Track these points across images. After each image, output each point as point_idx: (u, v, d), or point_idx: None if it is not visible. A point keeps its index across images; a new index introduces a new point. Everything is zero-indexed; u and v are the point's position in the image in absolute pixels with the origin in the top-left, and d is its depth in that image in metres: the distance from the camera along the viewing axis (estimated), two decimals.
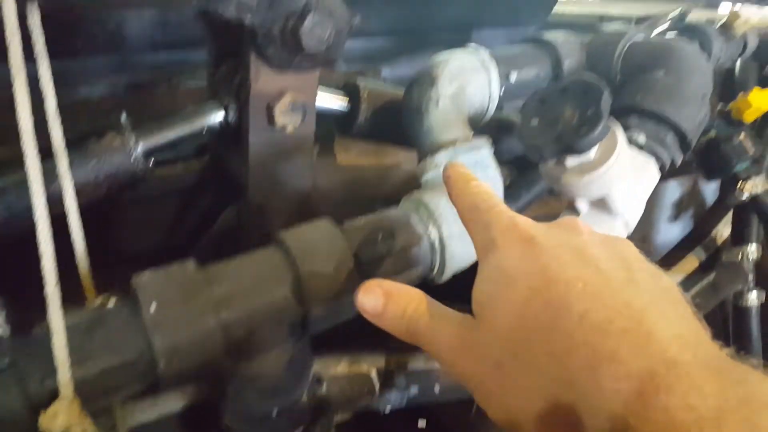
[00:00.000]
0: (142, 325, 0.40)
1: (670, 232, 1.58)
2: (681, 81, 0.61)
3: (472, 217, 0.39)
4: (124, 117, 0.49)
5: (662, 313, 0.29)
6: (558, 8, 1.56)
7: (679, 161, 0.61)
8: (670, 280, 0.33)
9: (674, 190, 1.73)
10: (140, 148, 0.50)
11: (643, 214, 0.57)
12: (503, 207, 0.38)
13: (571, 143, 0.49)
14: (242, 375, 0.47)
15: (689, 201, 1.69)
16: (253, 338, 0.45)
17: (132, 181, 0.51)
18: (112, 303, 0.42)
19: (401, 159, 0.85)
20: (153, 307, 0.40)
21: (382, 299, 0.38)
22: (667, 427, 0.25)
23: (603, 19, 1.67)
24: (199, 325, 0.41)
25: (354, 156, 0.81)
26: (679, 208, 1.76)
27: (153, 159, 0.54)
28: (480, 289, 0.35)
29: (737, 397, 0.24)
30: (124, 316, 0.41)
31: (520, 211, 0.79)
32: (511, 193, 0.78)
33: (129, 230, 0.66)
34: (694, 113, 0.60)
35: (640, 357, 0.27)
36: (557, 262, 0.32)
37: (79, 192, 0.44)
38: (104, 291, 0.43)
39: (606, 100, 0.49)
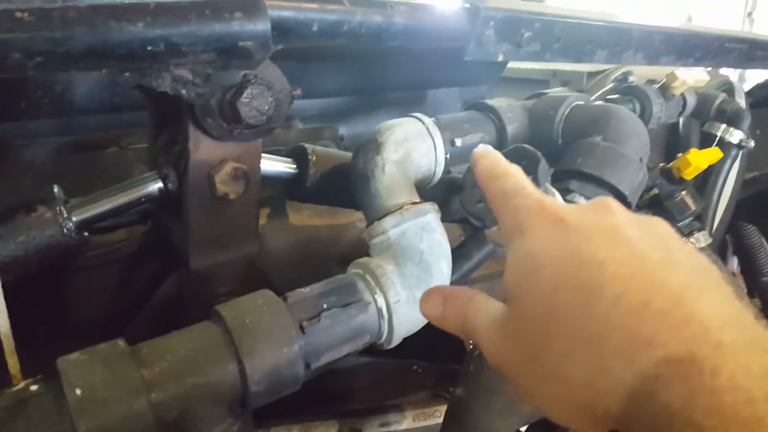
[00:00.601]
0: (67, 409, 0.38)
1: None
2: (619, 145, 0.63)
3: (499, 202, 0.38)
4: (56, 189, 0.48)
5: (702, 292, 0.28)
6: (512, 64, 1.61)
7: None
8: (708, 260, 0.31)
9: None
10: (74, 220, 0.48)
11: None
12: (531, 189, 0.37)
13: None
14: None
15: None
16: (189, 418, 0.44)
17: (66, 253, 0.49)
18: (35, 387, 0.41)
19: (355, 218, 0.85)
20: (78, 391, 0.39)
21: (440, 305, 0.39)
22: (716, 411, 0.24)
23: (556, 74, 1.73)
24: (127, 407, 0.39)
25: (306, 216, 0.80)
26: None
27: (93, 228, 0.53)
28: (509, 278, 0.34)
29: None
30: (48, 400, 0.39)
31: (472, 270, 0.80)
32: (463, 252, 0.78)
33: (68, 301, 0.64)
34: (632, 176, 0.61)
35: (680, 340, 0.26)
36: (588, 243, 0.31)
37: (5, 269, 0.42)
38: (39, 366, 0.42)
39: (543, 168, 0.50)
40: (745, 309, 0.28)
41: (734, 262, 1.92)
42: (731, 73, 1.74)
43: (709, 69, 1.37)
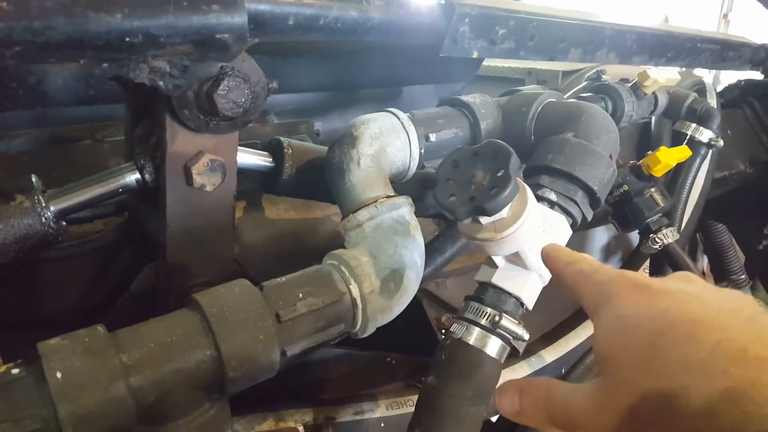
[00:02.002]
0: (47, 393, 0.39)
1: None
2: (590, 142, 0.65)
3: (578, 281, 0.40)
4: (34, 179, 0.48)
5: None
6: (488, 62, 1.63)
7: (589, 217, 0.65)
8: None
9: (602, 236, 1.81)
10: (52, 210, 0.48)
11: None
12: (608, 267, 0.39)
13: (482, 205, 0.51)
14: None
15: (616, 246, 1.77)
16: (167, 403, 0.45)
17: (44, 242, 0.50)
18: (17, 370, 0.41)
19: (331, 212, 0.86)
20: (59, 375, 0.39)
21: (517, 398, 0.40)
22: None
23: (532, 72, 1.75)
24: (107, 391, 0.40)
25: (282, 209, 0.81)
26: (607, 253, 1.84)
27: (69, 218, 0.53)
28: (601, 342, 0.35)
29: None
30: (28, 384, 0.40)
31: (445, 264, 0.81)
32: (437, 246, 0.79)
33: (44, 290, 0.64)
34: (602, 172, 0.63)
35: None
36: (678, 303, 0.33)
37: None
38: (16, 353, 0.42)
39: (514, 163, 0.52)
40: None
41: (705, 261, 1.98)
42: (706, 74, 1.78)
43: (683, 69, 1.41)
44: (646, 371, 0.31)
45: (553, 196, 0.62)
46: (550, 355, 0.93)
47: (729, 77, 1.58)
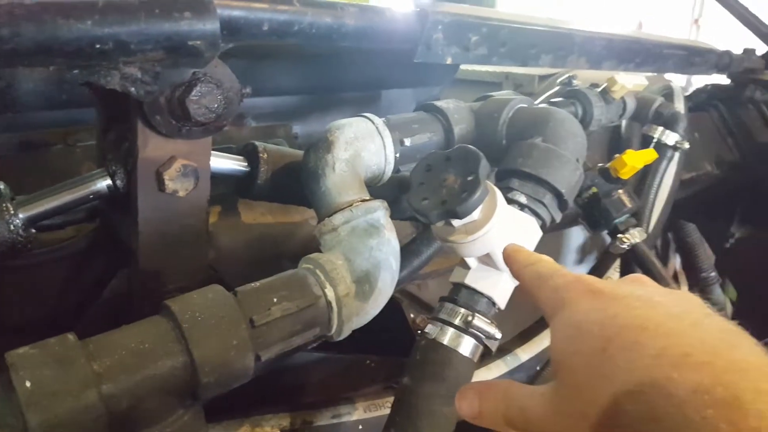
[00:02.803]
0: (17, 402, 0.38)
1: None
2: (557, 146, 0.66)
3: (536, 284, 0.41)
4: (2, 186, 0.48)
5: (736, 347, 0.30)
6: (466, 66, 1.64)
7: (558, 218, 0.66)
8: (737, 326, 0.33)
9: (578, 236, 1.84)
10: (20, 217, 0.48)
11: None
12: (565, 270, 0.40)
13: (454, 208, 0.52)
14: None
15: (592, 246, 1.80)
16: (140, 410, 0.44)
17: (13, 251, 0.49)
18: None
19: (308, 215, 0.86)
20: (28, 384, 0.39)
21: (476, 401, 0.40)
22: None
23: (509, 77, 1.77)
24: (78, 400, 0.40)
25: (259, 214, 0.81)
26: (583, 253, 1.87)
27: (40, 225, 0.52)
28: (556, 347, 0.36)
29: None
30: None
31: (422, 266, 0.82)
32: (413, 249, 0.80)
33: (15, 299, 0.63)
34: (569, 175, 0.65)
35: (723, 386, 0.28)
36: (627, 309, 0.34)
37: None
38: None
39: (484, 167, 0.53)
40: None
41: (677, 260, 2.02)
42: (680, 79, 1.82)
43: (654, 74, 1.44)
44: (597, 377, 0.32)
45: (523, 199, 0.63)
46: (526, 353, 0.94)
47: (701, 82, 1.62)
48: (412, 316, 0.88)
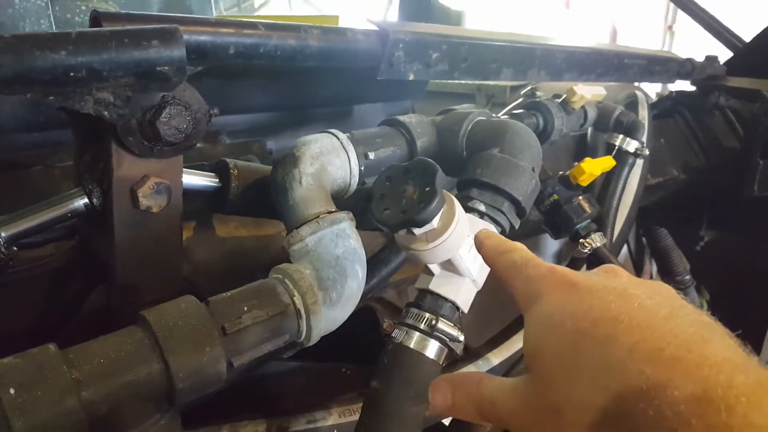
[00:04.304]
0: (1, 408, 0.41)
1: None
2: (514, 156, 0.70)
3: (510, 274, 0.41)
4: None
5: (709, 341, 0.30)
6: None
7: (517, 225, 0.70)
8: (710, 316, 0.34)
9: (553, 243, 1.88)
10: (2, 235, 0.51)
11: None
12: (539, 260, 0.40)
13: (413, 217, 0.56)
14: None
15: (567, 252, 1.84)
16: (119, 414, 0.47)
17: None
18: None
19: (280, 228, 0.89)
20: (12, 391, 0.41)
21: (450, 393, 0.40)
22: None
23: (481, 88, 1.82)
24: (60, 405, 0.42)
25: (233, 228, 0.84)
26: (557, 259, 1.91)
27: (21, 243, 0.55)
28: (529, 340, 0.36)
29: None
30: None
31: (390, 274, 0.85)
32: (381, 258, 0.84)
33: None
34: (525, 184, 0.69)
35: (695, 381, 0.28)
36: (601, 302, 0.33)
37: None
38: None
39: (440, 178, 0.56)
40: (749, 355, 0.31)
41: (654, 267, 2.07)
42: (654, 87, 1.86)
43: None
44: (570, 373, 0.33)
45: (482, 207, 0.67)
46: (497, 357, 0.97)
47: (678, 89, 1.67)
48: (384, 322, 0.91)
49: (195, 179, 0.66)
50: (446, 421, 0.98)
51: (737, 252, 1.57)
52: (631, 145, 1.14)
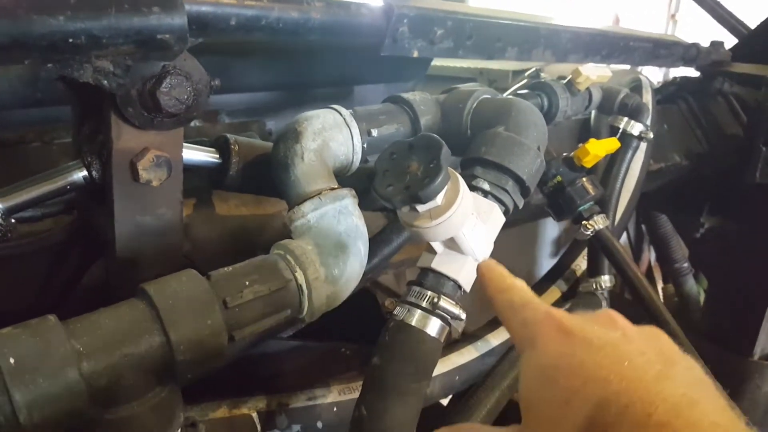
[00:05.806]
0: (1, 378, 0.40)
1: (550, 266, 1.69)
2: (519, 135, 0.69)
3: (508, 315, 0.42)
4: None
5: (697, 404, 0.31)
6: (441, 62, 1.67)
7: (521, 204, 0.69)
8: (703, 372, 0.35)
9: (553, 229, 1.88)
10: (0, 207, 0.50)
11: (528, 251, 0.63)
12: (537, 302, 0.41)
13: (417, 193, 0.55)
14: (109, 422, 0.48)
15: (566, 238, 1.84)
16: (119, 386, 0.47)
17: None
18: None
19: (281, 207, 0.88)
20: (12, 360, 0.41)
21: None
22: None
23: (483, 72, 1.80)
24: (60, 375, 0.42)
25: (233, 206, 0.83)
26: (557, 245, 1.91)
27: (19, 217, 0.54)
28: (523, 390, 0.37)
29: None
30: None
31: (393, 254, 0.85)
32: (383, 238, 0.83)
33: None
34: (530, 163, 0.68)
35: None
36: (594, 357, 0.34)
37: None
38: None
39: (445, 154, 0.55)
40: (737, 418, 0.32)
41: (652, 255, 2.07)
42: (658, 72, 1.86)
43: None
44: (560, 429, 0.34)
45: (486, 186, 0.66)
46: (496, 338, 0.98)
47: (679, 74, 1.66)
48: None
49: (195, 154, 0.65)
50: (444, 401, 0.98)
51: (737, 239, 1.57)
52: (636, 128, 1.13)
